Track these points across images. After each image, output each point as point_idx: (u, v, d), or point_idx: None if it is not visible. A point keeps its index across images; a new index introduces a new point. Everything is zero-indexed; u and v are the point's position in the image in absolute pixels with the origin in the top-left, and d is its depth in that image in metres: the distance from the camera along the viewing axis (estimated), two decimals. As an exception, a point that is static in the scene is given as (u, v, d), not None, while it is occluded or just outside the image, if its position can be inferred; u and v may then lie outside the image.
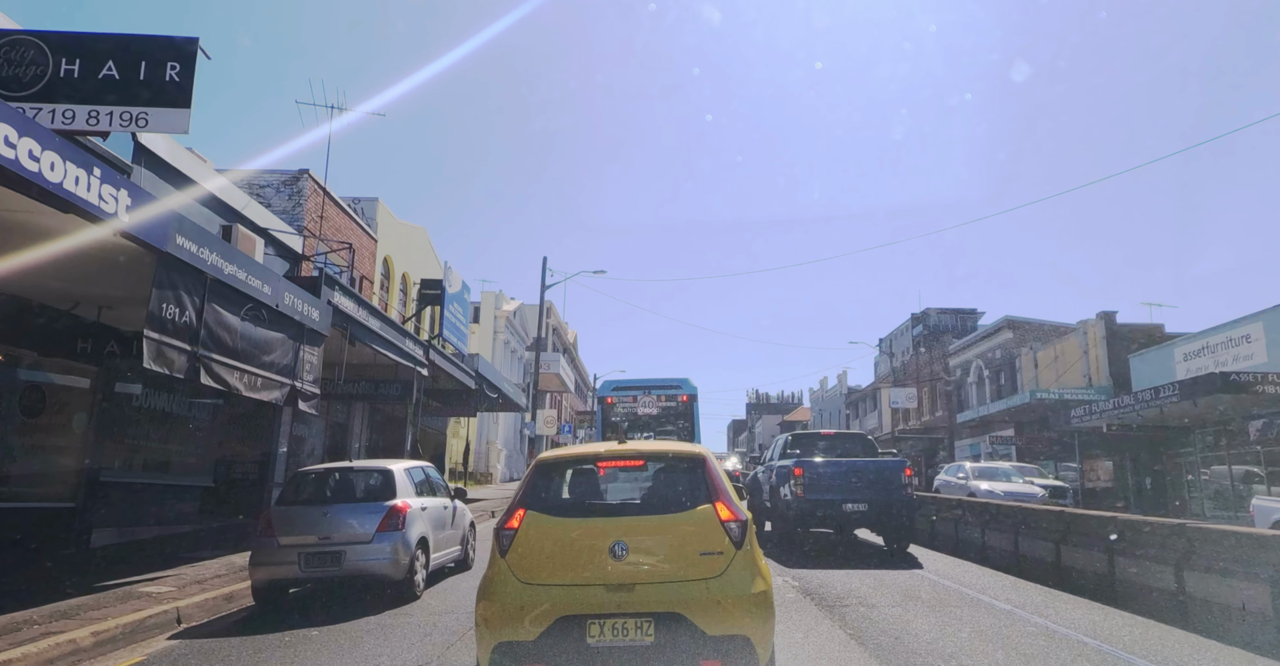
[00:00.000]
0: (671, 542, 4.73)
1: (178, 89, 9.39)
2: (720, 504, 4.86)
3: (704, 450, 5.44)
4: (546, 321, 42.16)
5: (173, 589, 8.99)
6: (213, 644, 7.28)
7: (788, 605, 8.18)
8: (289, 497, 9.60)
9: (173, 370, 8.23)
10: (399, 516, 9.13)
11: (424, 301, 24.38)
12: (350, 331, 14.09)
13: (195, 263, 8.48)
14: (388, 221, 24.98)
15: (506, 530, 4.85)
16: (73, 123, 9.16)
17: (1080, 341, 33.44)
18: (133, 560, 10.95)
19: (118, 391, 12.55)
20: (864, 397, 62.43)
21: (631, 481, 6.18)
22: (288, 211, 18.61)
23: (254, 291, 9.78)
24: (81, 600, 8.14)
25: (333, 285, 13.12)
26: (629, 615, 4.48)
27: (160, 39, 9.58)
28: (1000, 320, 40.84)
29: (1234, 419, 22.38)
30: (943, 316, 54.43)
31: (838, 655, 6.32)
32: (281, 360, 10.74)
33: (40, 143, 6.17)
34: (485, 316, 39.59)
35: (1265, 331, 22.43)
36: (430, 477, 10.91)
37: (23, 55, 9.13)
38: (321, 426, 20.32)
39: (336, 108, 21.39)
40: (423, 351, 18.22)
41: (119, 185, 7.12)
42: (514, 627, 4.50)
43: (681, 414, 28.78)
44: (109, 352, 11.52)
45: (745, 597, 4.55)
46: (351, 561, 8.80)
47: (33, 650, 6.17)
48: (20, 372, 11.33)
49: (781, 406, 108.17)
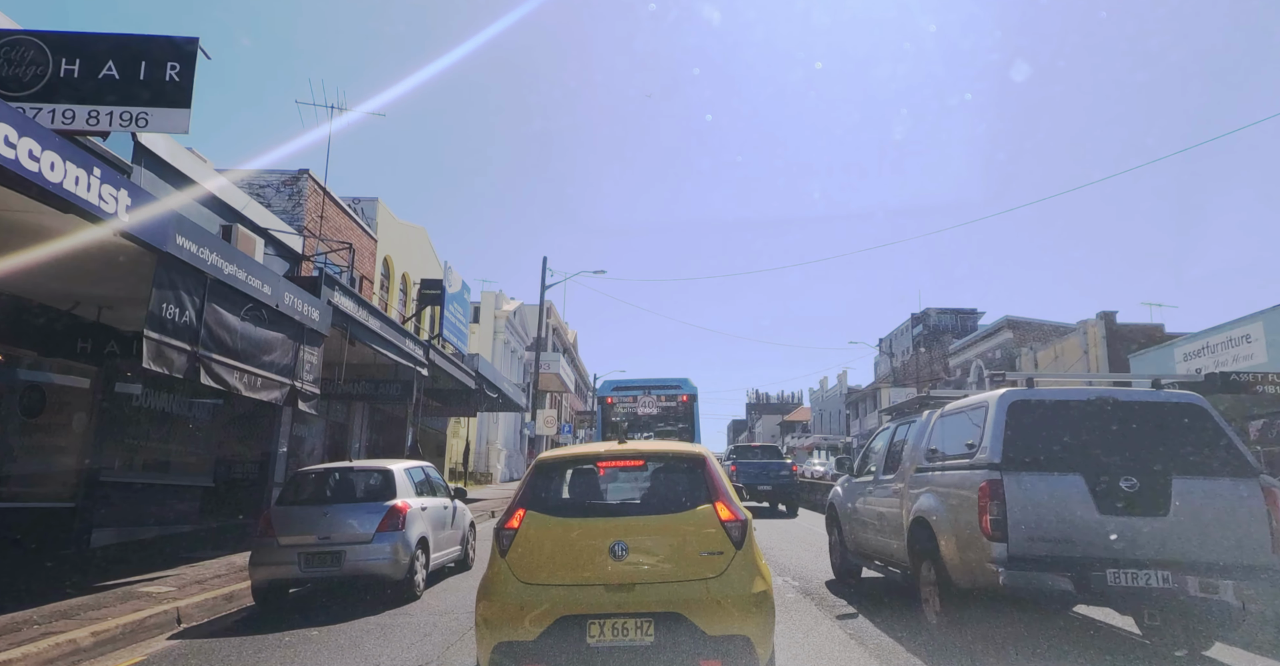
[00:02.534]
0: (671, 542, 4.73)
1: (178, 89, 9.40)
2: (720, 504, 4.86)
3: (704, 450, 5.44)
4: (546, 321, 42.16)
5: (173, 589, 8.99)
6: (213, 644, 7.27)
7: (788, 605, 8.18)
8: (289, 497, 9.60)
9: (172, 370, 8.23)
10: (399, 516, 9.13)
11: (424, 301, 24.39)
12: (350, 331, 14.08)
13: (195, 262, 8.47)
14: (388, 221, 24.97)
15: (506, 530, 4.85)
16: (73, 123, 9.16)
17: (1080, 341, 33.44)
18: (133, 560, 10.94)
19: (118, 391, 12.55)
20: (864, 397, 62.40)
21: (631, 481, 6.18)
22: (288, 211, 18.61)
23: (254, 291, 9.77)
24: (81, 600, 8.14)
25: (333, 285, 13.11)
26: (629, 615, 4.48)
27: (160, 39, 9.58)
28: (1000, 320, 40.85)
29: (1234, 419, 22.38)
30: (943, 316, 54.46)
31: (838, 655, 6.32)
32: (281, 360, 10.74)
33: (40, 142, 6.17)
34: (485, 316, 39.58)
35: (1265, 331, 22.44)
36: (430, 477, 10.91)
37: (23, 55, 9.13)
38: (321, 426, 20.32)
39: (336, 108, 21.41)
40: (423, 351, 18.21)
41: (119, 185, 7.12)
42: (514, 627, 4.50)
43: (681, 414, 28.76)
44: (109, 352, 11.52)
45: (745, 597, 4.55)
46: (351, 561, 8.80)
47: (32, 650, 6.17)
48: (20, 372, 11.33)
49: (781, 406, 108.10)
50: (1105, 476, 6.18)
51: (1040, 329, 38.68)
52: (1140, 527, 6.05)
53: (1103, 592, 5.94)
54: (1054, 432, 6.52)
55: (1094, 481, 6.15)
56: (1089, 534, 6.06)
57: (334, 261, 19.67)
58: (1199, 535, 6.03)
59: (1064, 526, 6.11)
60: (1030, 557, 6.06)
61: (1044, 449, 6.42)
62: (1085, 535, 6.07)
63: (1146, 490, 6.11)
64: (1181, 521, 6.05)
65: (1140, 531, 6.05)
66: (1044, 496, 6.18)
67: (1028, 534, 6.12)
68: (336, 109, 21.32)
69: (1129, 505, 6.09)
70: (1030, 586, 5.97)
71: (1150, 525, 6.06)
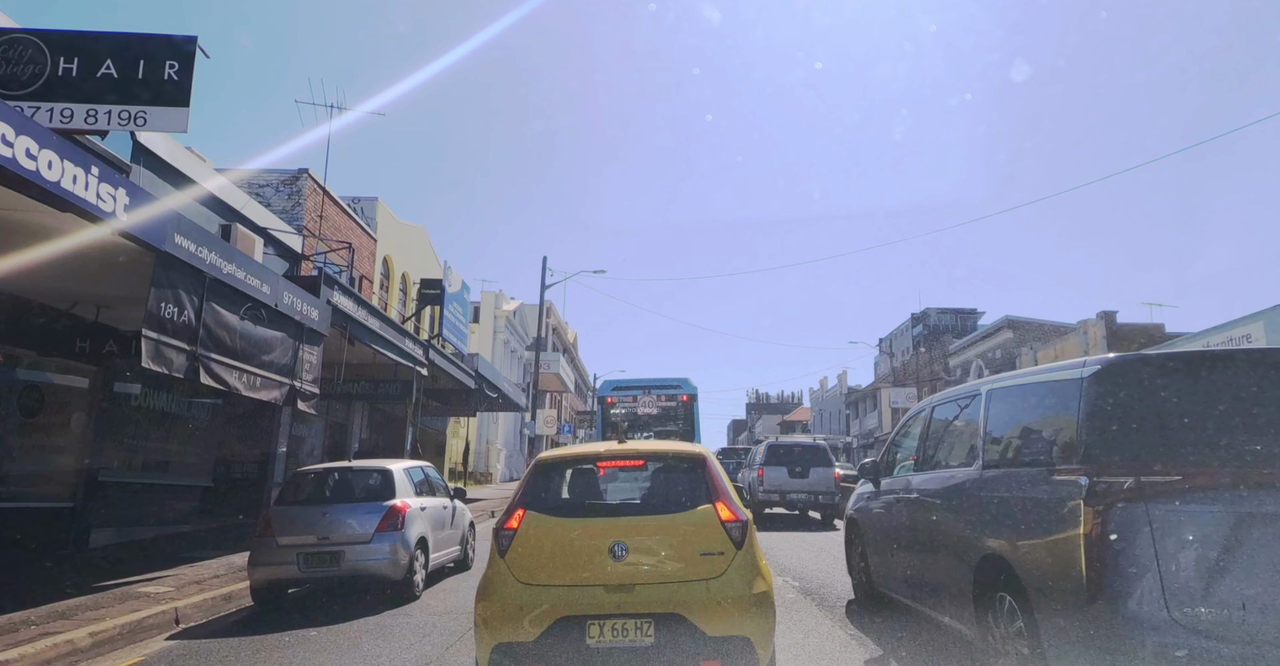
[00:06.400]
0: (671, 543, 4.71)
1: (176, 88, 9.37)
2: (720, 504, 4.84)
3: (704, 450, 5.42)
4: (546, 321, 42.14)
5: (171, 589, 8.97)
6: (211, 644, 7.25)
7: (788, 605, 8.15)
8: (288, 497, 9.58)
9: (171, 370, 8.21)
10: (398, 516, 9.11)
11: (424, 301, 24.37)
12: (350, 331, 14.07)
13: (194, 262, 8.46)
14: (387, 221, 24.95)
15: (506, 530, 4.83)
16: (71, 121, 9.14)
17: (1080, 341, 33.43)
18: (131, 560, 10.92)
19: (116, 391, 12.53)
20: (864, 397, 62.39)
21: (631, 481, 6.17)
22: (287, 211, 18.59)
23: (253, 291, 9.76)
24: (80, 600, 8.12)
25: (332, 285, 13.10)
26: (629, 616, 4.46)
27: (159, 38, 9.56)
28: (1000, 320, 40.83)
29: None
30: (943, 316, 54.46)
31: (838, 655, 6.30)
32: (281, 359, 10.72)
33: (38, 141, 6.15)
34: (485, 316, 39.57)
35: (1265, 331, 22.43)
36: (429, 477, 10.89)
37: (21, 54, 9.11)
38: (321, 426, 20.31)
39: (336, 107, 21.36)
40: (422, 351, 18.20)
41: (117, 184, 7.10)
42: (513, 628, 4.48)
43: (681, 414, 28.79)
44: (108, 352, 11.51)
45: (745, 598, 4.53)
46: (350, 561, 8.78)
47: (30, 651, 6.15)
48: (19, 372, 11.31)
49: (781, 406, 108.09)
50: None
51: (1040, 329, 38.67)
52: None
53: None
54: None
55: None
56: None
57: (333, 261, 19.65)
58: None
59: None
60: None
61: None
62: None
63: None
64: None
65: None
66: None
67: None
68: (336, 108, 21.29)
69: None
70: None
71: None
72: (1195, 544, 3.72)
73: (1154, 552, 3.75)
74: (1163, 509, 3.79)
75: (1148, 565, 3.74)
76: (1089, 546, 3.92)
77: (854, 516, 8.45)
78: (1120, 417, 4.18)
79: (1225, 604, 3.64)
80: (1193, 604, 3.66)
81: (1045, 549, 4.34)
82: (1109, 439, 4.14)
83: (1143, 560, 3.76)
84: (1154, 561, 3.74)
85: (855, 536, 8.38)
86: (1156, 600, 3.69)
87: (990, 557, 4.96)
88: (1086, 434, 4.23)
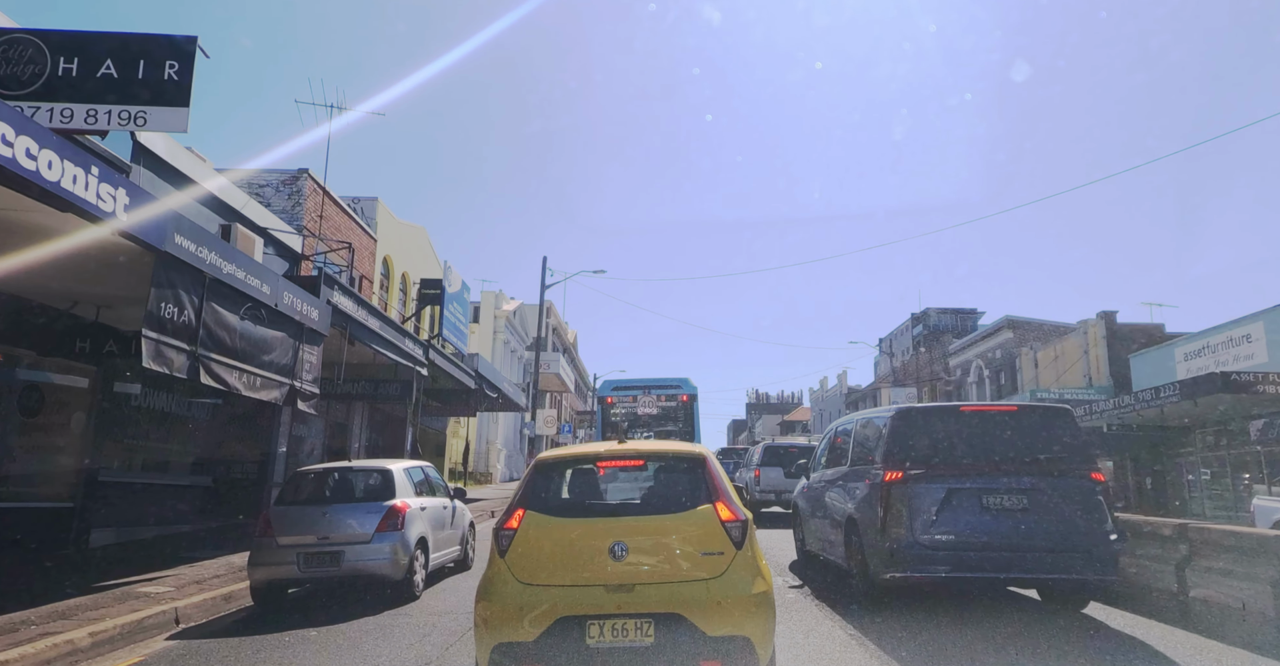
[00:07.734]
0: (672, 543, 4.71)
1: (176, 88, 9.37)
2: (721, 504, 4.84)
3: (704, 450, 5.42)
4: (546, 321, 42.14)
5: (171, 589, 8.97)
6: (211, 644, 7.25)
7: (788, 605, 8.15)
8: (288, 497, 9.57)
9: (172, 370, 8.21)
10: (398, 516, 9.11)
11: (424, 301, 24.38)
12: (350, 331, 14.07)
13: (194, 262, 8.45)
14: (387, 221, 24.96)
15: (506, 530, 4.83)
16: (71, 121, 9.14)
17: (1080, 341, 33.43)
18: (131, 560, 10.92)
19: (116, 391, 12.53)
20: (864, 397, 62.37)
21: (631, 481, 6.16)
22: (287, 211, 18.60)
23: (253, 291, 9.75)
24: (79, 600, 8.12)
25: (332, 284, 13.09)
26: (629, 616, 4.46)
27: (159, 38, 9.56)
28: (1000, 320, 40.85)
29: (1234, 419, 22.35)
30: (943, 316, 54.47)
31: (838, 655, 6.30)
32: (281, 360, 10.72)
33: (38, 141, 6.15)
34: (485, 316, 39.57)
35: (1265, 331, 22.44)
36: (429, 477, 10.89)
37: (21, 54, 9.11)
38: (321, 426, 20.31)
39: (336, 107, 21.33)
40: (422, 351, 18.20)
41: (117, 184, 7.10)
42: (513, 628, 4.48)
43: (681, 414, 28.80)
44: (108, 352, 11.50)
45: (746, 598, 4.53)
46: (350, 561, 8.78)
47: (30, 651, 6.15)
48: (19, 372, 11.31)
49: (781, 406, 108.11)
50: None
51: (1040, 328, 38.68)
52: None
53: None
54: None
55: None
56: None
57: (333, 261, 19.65)
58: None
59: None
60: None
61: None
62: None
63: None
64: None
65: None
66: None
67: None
68: (336, 108, 21.27)
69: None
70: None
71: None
72: (929, 504, 7.46)
73: (910, 509, 7.48)
74: (915, 487, 7.54)
75: (907, 514, 7.49)
76: (882, 505, 7.65)
77: (795, 501, 11.93)
78: (901, 439, 7.98)
79: (943, 533, 7.37)
80: (928, 533, 7.39)
81: (868, 508, 8.00)
82: (894, 451, 7.92)
83: (905, 512, 7.50)
84: (909, 513, 7.48)
85: (795, 515, 11.79)
86: (910, 531, 7.43)
87: (849, 518, 8.57)
88: (885, 447, 8.06)
